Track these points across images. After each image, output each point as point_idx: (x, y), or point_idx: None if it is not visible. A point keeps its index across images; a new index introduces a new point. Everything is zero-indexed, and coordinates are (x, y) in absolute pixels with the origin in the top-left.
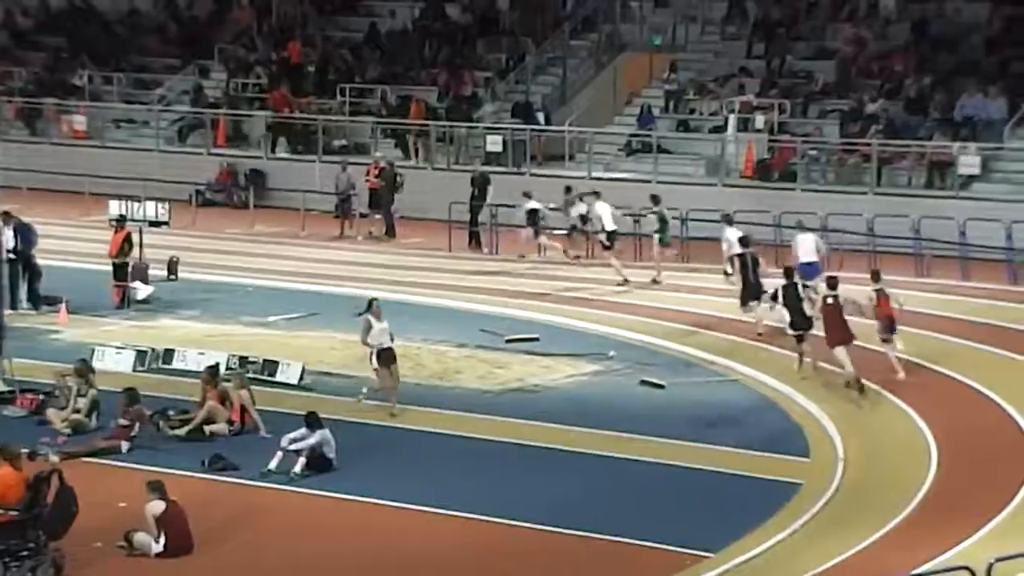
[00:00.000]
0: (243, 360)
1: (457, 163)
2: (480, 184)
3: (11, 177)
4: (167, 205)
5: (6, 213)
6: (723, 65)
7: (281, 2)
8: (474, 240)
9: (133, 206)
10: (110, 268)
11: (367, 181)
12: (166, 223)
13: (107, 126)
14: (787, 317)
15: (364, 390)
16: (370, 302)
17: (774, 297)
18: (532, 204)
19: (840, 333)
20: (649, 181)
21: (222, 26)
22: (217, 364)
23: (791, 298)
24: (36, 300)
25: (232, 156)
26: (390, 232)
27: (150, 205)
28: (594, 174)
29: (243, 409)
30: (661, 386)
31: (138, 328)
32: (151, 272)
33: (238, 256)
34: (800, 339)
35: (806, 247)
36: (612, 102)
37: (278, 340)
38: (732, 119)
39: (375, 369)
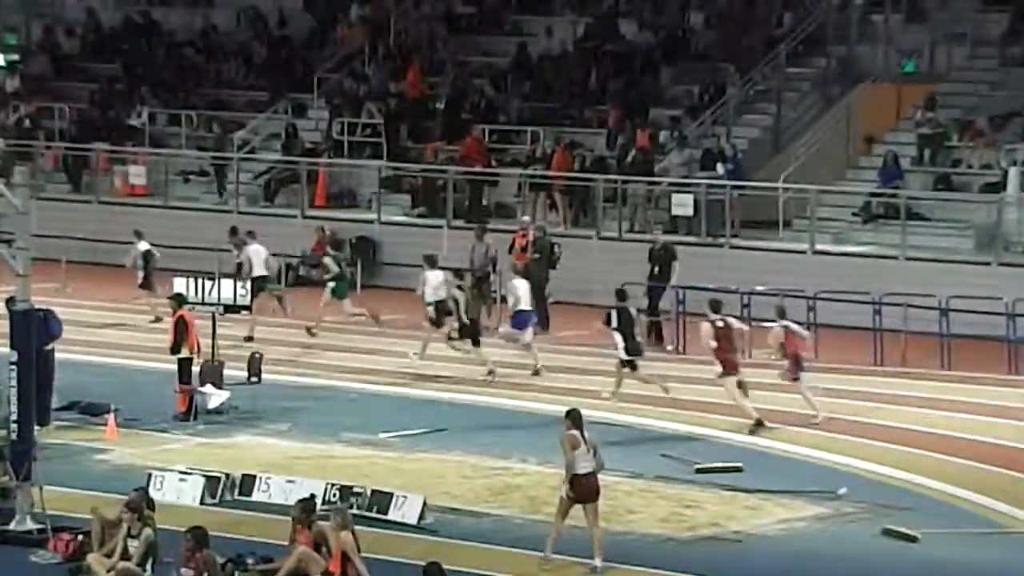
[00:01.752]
0: (345, 491)
1: (632, 231)
2: (662, 259)
3: (46, 246)
4: (248, 285)
5: (12, 299)
6: (1001, 100)
7: (400, 17)
8: (654, 333)
9: (203, 285)
10: (174, 366)
11: (513, 254)
12: (247, 308)
13: (172, 180)
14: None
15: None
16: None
17: (607, 322)
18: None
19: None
20: (896, 257)
21: (323, 49)
22: (312, 496)
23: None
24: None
25: (334, 220)
26: (542, 321)
27: (226, 284)
28: (818, 246)
29: (344, 557)
30: (913, 538)
31: (208, 447)
32: (227, 372)
33: (339, 352)
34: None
35: None
36: (845, 150)
37: (391, 465)
38: (1014, 173)
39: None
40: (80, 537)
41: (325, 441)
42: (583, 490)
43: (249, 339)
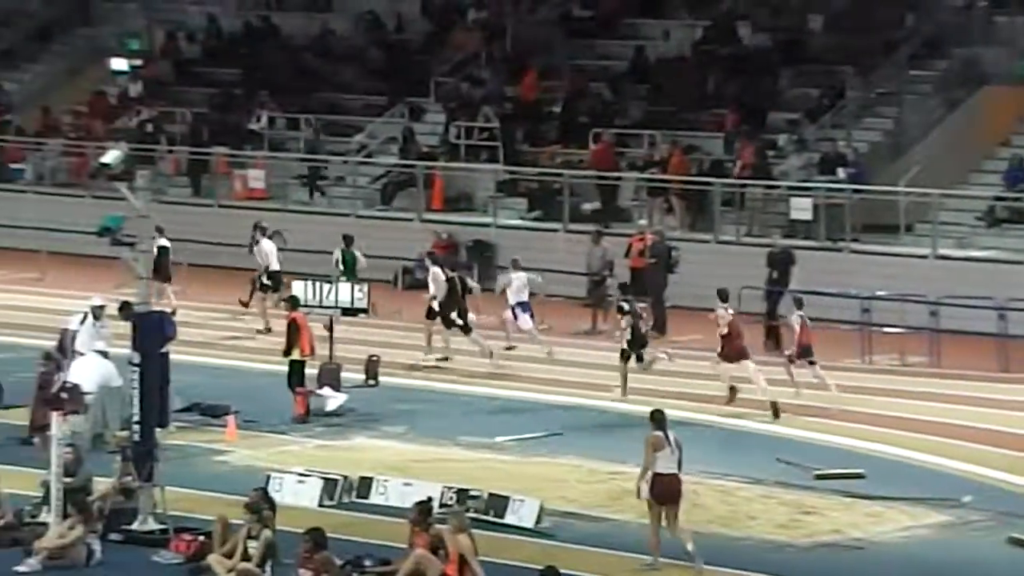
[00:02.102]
0: (462, 494)
1: (750, 235)
2: (781, 263)
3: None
4: (365, 287)
5: (126, 304)
6: None
7: (516, 21)
8: (772, 337)
9: (322, 288)
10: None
11: (630, 258)
12: (364, 311)
13: (291, 183)
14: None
15: None
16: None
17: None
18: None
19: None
20: (1020, 262)
21: (440, 53)
22: (429, 499)
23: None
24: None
25: (451, 223)
26: (659, 326)
27: (344, 287)
28: (941, 251)
29: (462, 560)
30: None
31: (326, 449)
32: (344, 375)
33: (456, 355)
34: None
35: None
36: (967, 153)
37: (508, 468)
38: None
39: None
40: (201, 538)
41: (442, 444)
42: (663, 490)
43: (268, 331)
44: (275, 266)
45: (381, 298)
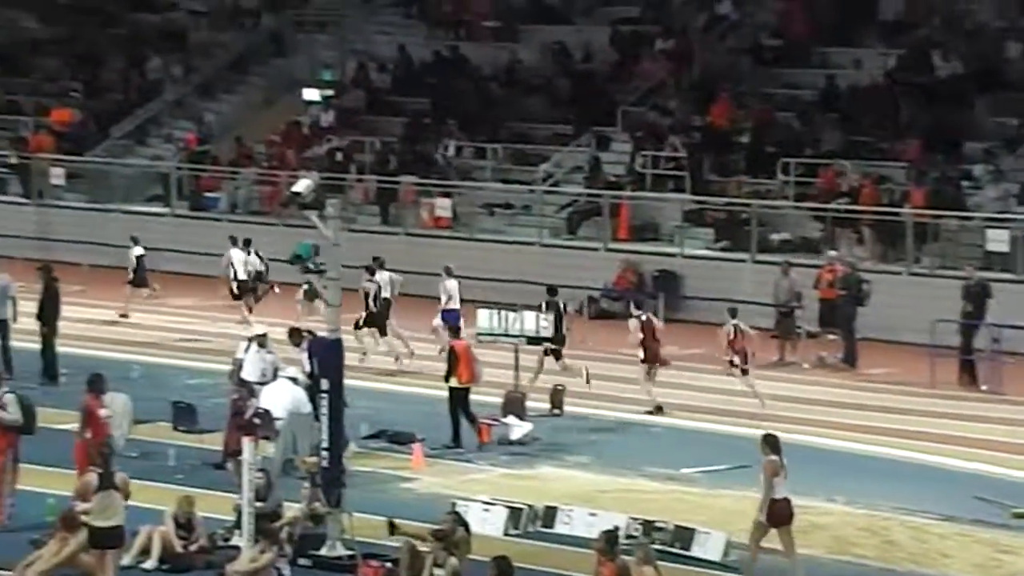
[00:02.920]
0: (648, 526)
1: (944, 267)
2: (977, 296)
3: (355, 277)
4: (551, 317)
5: (295, 331)
6: None
7: (705, 50)
8: (967, 373)
9: (506, 317)
10: (481, 397)
11: (819, 289)
12: (549, 340)
13: (477, 212)
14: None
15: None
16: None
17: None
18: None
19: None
20: None
21: (628, 83)
22: (615, 529)
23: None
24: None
25: (637, 253)
26: (849, 359)
27: (529, 316)
28: None
29: None
30: None
31: (511, 478)
32: (530, 404)
33: (640, 386)
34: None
35: None
36: None
37: (694, 500)
38: None
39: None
40: (388, 565)
41: (627, 475)
42: (778, 515)
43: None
44: (242, 276)
45: (567, 327)
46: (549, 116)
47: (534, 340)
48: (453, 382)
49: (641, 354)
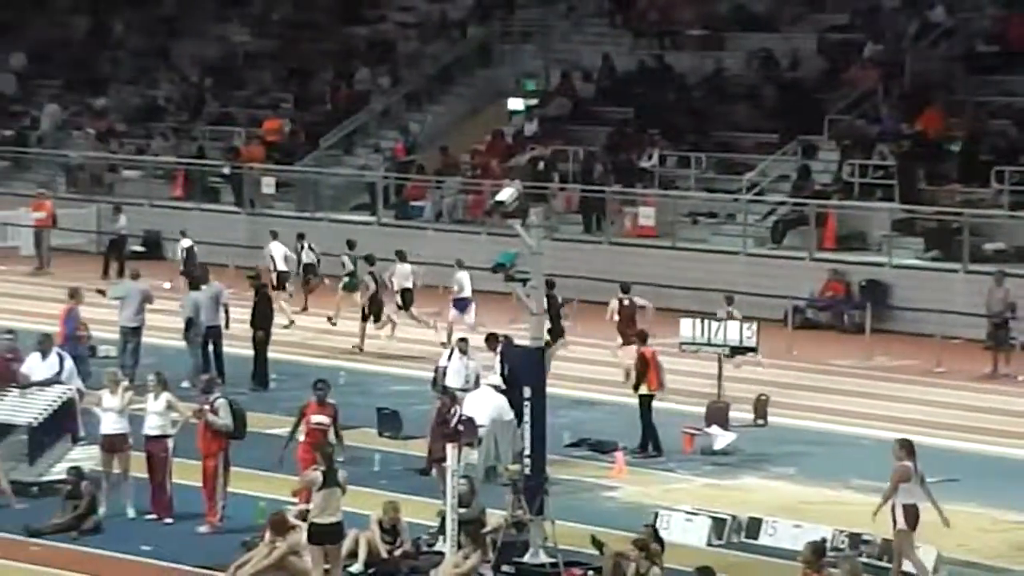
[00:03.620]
0: (855, 539)
1: None
2: None
3: (561, 286)
4: (754, 326)
5: (491, 336)
6: None
7: (916, 57)
8: None
9: (709, 326)
10: (681, 406)
11: None
12: (753, 350)
13: (680, 221)
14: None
15: None
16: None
17: None
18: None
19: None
20: None
21: (836, 90)
22: (823, 541)
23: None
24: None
25: (844, 262)
26: None
27: (732, 326)
28: None
29: None
30: None
31: (715, 488)
32: (733, 414)
33: (848, 397)
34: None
35: None
36: None
37: None
38: None
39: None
40: (591, 573)
41: (833, 487)
42: (913, 520)
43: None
44: (281, 267)
45: (771, 337)
46: (755, 125)
47: (737, 350)
48: (643, 389)
49: (620, 339)
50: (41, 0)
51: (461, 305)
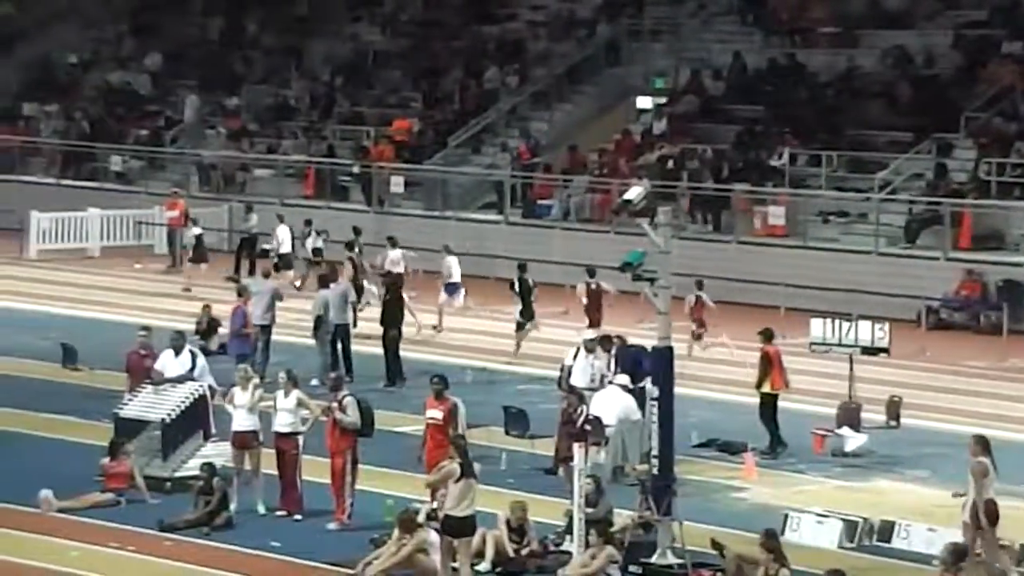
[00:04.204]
0: None
1: None
2: None
3: (685, 285)
4: (886, 327)
5: (606, 337)
6: None
7: None
8: None
9: (840, 326)
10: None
11: None
12: (885, 351)
13: (811, 221)
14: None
15: None
16: None
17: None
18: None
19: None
20: None
21: (972, 88)
22: (962, 546)
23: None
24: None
25: (980, 262)
26: None
27: (864, 326)
28: None
29: None
30: None
31: (846, 490)
32: (865, 415)
33: (983, 398)
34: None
35: None
36: None
37: None
38: None
39: None
40: (718, 575)
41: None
42: (989, 516)
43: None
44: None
45: (904, 338)
46: (888, 123)
47: (869, 351)
48: (766, 388)
49: (587, 320)
50: (178, 1)
51: (450, 289)
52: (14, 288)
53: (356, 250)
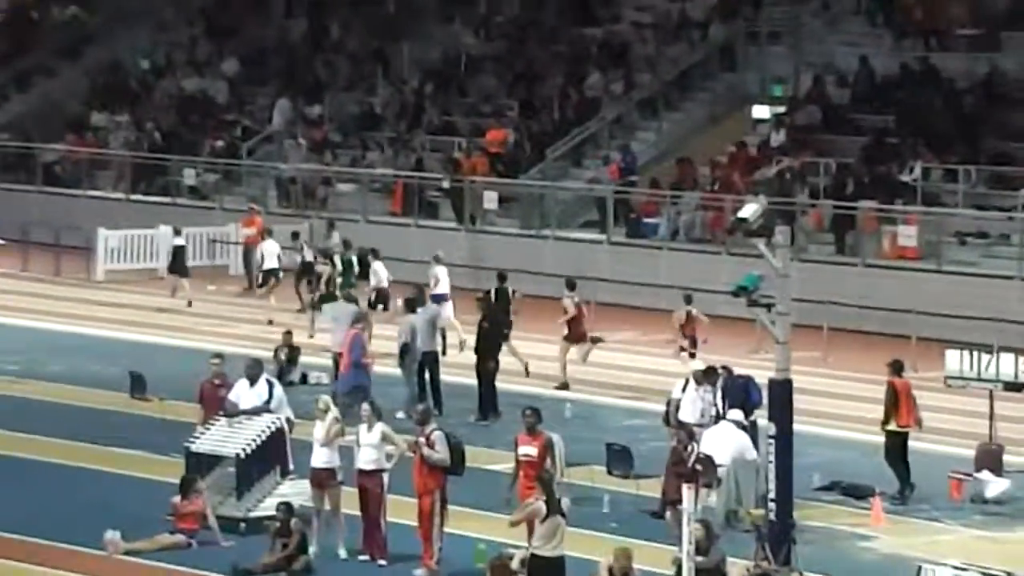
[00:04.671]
0: None
1: None
2: None
3: (807, 312)
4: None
5: (711, 369)
6: None
7: None
8: None
9: (979, 358)
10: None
11: None
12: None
13: (947, 242)
14: None
15: None
16: None
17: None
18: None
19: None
20: None
21: None
22: None
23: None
24: None
25: None
26: None
27: (1006, 359)
28: None
29: None
30: None
31: (987, 540)
32: (1007, 458)
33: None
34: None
35: None
36: None
37: None
38: None
39: None
40: None
41: None
42: None
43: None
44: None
45: None
46: None
47: (1012, 386)
48: (892, 425)
49: (566, 331)
50: (256, 2)
51: (438, 300)
52: (80, 311)
53: (328, 259)
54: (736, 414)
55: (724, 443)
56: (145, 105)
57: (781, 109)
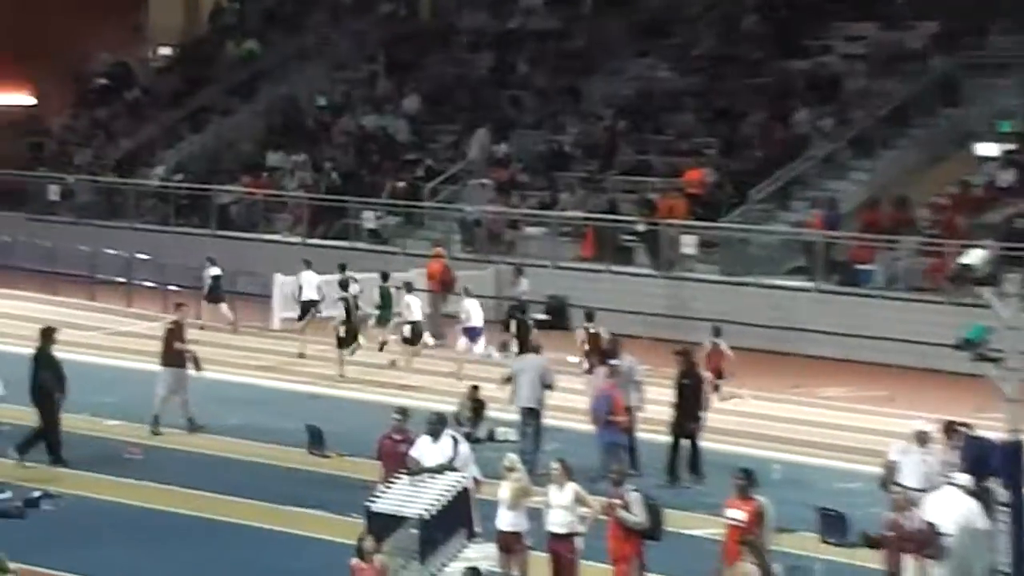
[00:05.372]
0: None
1: None
2: None
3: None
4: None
5: (951, 425)
6: None
7: None
8: None
9: None
10: None
11: None
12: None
13: None
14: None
15: None
16: None
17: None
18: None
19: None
20: None
21: None
22: None
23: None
24: None
25: None
26: None
27: None
28: None
29: None
30: None
31: None
32: None
33: None
34: None
35: None
36: None
37: None
38: None
39: None
40: None
41: None
42: None
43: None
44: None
45: None
46: None
47: None
48: None
49: (585, 364)
50: (443, 36)
51: (471, 334)
52: (256, 362)
53: (347, 289)
54: (963, 478)
55: (950, 510)
56: (322, 145)
57: (1011, 146)
